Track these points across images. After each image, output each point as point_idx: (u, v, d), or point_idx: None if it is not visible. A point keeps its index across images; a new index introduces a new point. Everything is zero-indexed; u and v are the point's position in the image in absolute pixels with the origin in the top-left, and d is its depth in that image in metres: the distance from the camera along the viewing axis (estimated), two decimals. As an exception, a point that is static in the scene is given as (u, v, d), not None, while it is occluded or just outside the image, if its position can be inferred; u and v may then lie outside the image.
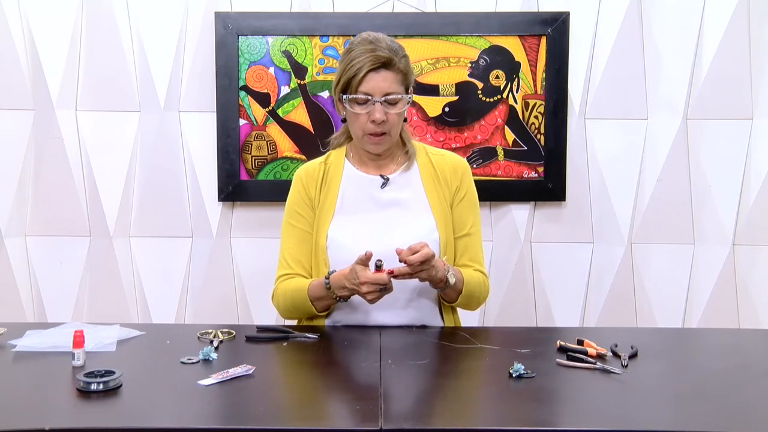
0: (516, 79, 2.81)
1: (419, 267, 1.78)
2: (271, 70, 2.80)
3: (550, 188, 2.84)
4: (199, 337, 1.80)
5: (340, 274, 1.84)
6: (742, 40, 2.78)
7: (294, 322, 2.06)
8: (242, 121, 2.81)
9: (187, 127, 2.85)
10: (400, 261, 1.78)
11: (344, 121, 2.01)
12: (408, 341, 1.82)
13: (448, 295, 1.94)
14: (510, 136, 2.83)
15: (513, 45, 2.80)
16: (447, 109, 2.82)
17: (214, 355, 1.64)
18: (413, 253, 1.77)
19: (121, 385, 1.46)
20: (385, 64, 1.87)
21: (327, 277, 1.87)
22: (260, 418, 1.36)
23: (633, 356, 1.66)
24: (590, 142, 2.86)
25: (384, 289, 1.79)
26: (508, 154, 2.84)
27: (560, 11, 2.78)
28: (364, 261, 1.78)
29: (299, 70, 2.80)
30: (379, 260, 1.78)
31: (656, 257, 2.88)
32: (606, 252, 2.89)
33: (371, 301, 1.81)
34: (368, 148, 1.97)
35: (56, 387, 1.49)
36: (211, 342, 1.75)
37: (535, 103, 2.82)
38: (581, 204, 2.87)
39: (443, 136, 2.82)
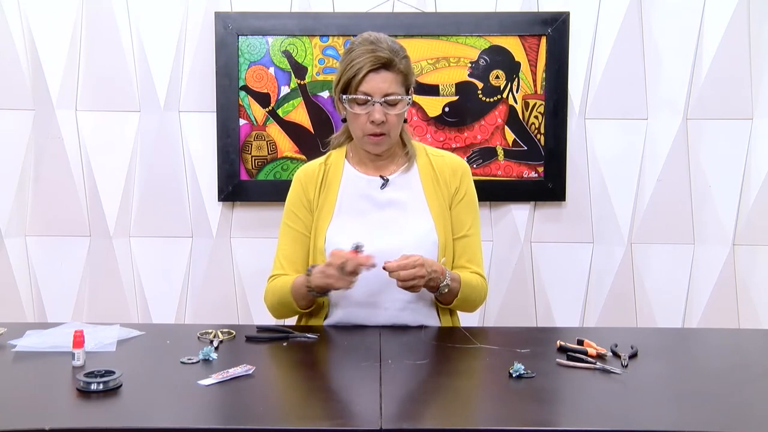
0: (516, 79, 2.81)
1: (402, 276, 1.79)
2: (271, 70, 2.80)
3: (550, 188, 2.84)
4: (199, 337, 1.80)
5: (316, 271, 1.85)
6: (742, 40, 2.78)
7: (293, 321, 2.06)
8: (242, 121, 2.81)
9: (187, 127, 2.85)
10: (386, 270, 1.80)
11: (344, 120, 2.01)
12: (408, 341, 1.82)
13: (443, 298, 1.93)
14: (510, 136, 2.83)
15: (513, 45, 2.80)
16: (447, 109, 2.82)
17: (214, 355, 1.64)
18: (401, 268, 1.78)
19: (121, 385, 1.45)
20: (386, 65, 1.87)
21: (310, 268, 1.88)
22: (260, 418, 1.36)
23: (633, 356, 1.66)
24: (590, 142, 2.86)
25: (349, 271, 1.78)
26: (508, 154, 2.84)
27: (560, 11, 2.78)
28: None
29: (299, 70, 2.80)
30: (359, 245, 1.80)
31: (656, 257, 2.88)
32: (606, 252, 2.89)
33: (332, 284, 1.80)
34: (368, 148, 1.97)
35: (56, 387, 1.49)
36: (211, 342, 1.75)
37: (535, 103, 2.82)
38: (581, 204, 2.87)
39: (443, 136, 2.82)
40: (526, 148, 2.83)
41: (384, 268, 1.79)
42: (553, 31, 2.78)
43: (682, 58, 2.81)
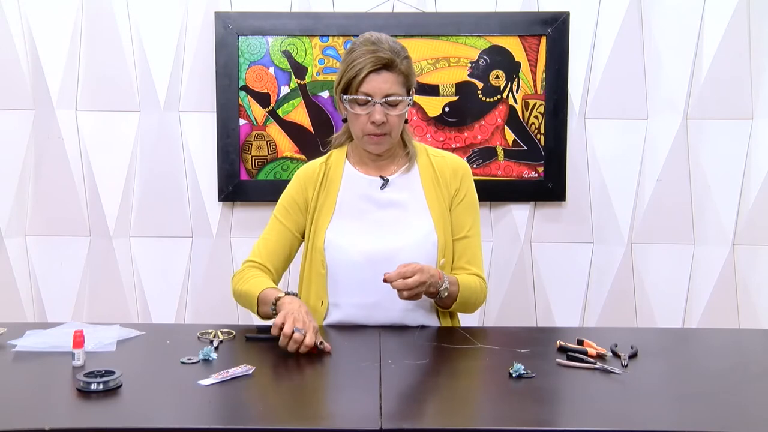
0: (516, 79, 2.81)
1: (403, 282, 1.77)
2: (271, 70, 2.80)
3: (550, 188, 2.84)
4: (199, 337, 1.80)
5: (292, 301, 1.80)
6: (742, 40, 2.78)
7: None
8: (242, 121, 2.81)
9: (187, 127, 2.85)
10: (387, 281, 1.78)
11: (345, 120, 2.01)
12: (408, 341, 1.82)
13: (443, 302, 1.93)
14: (510, 136, 2.83)
15: (513, 45, 2.80)
16: (447, 109, 2.82)
17: (214, 355, 1.64)
18: (402, 276, 1.76)
19: (121, 385, 1.45)
20: (387, 66, 1.87)
21: (287, 293, 1.86)
22: (260, 418, 1.36)
23: (633, 356, 1.66)
24: (590, 142, 2.86)
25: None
26: (508, 154, 2.84)
27: (560, 11, 2.78)
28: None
29: (299, 70, 2.80)
30: (323, 346, 1.70)
31: (656, 257, 2.89)
32: (606, 252, 2.89)
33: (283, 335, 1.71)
34: (368, 148, 1.97)
35: (56, 387, 1.49)
36: (211, 342, 1.75)
37: (535, 103, 2.82)
38: (581, 204, 2.87)
39: (443, 136, 2.82)
40: (526, 148, 2.83)
41: (384, 280, 1.77)
42: (553, 31, 2.78)
43: (682, 58, 2.81)
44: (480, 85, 2.81)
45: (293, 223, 2.02)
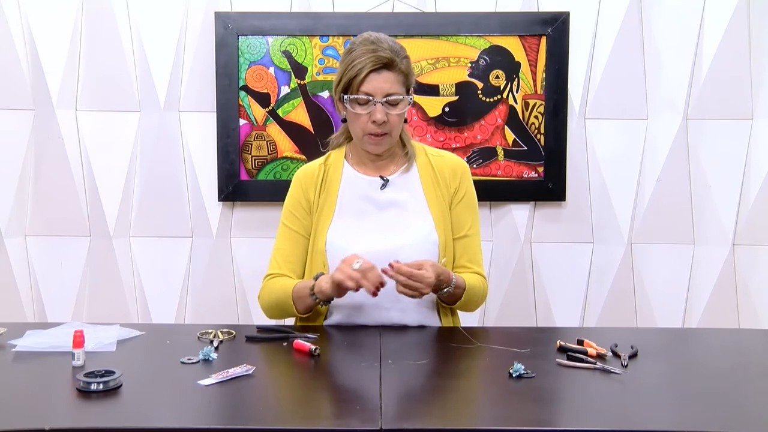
0: (516, 79, 2.81)
1: (407, 280, 1.78)
2: (271, 70, 2.80)
3: (550, 188, 2.84)
4: (199, 337, 1.80)
5: (329, 274, 1.84)
6: (742, 40, 2.78)
7: (292, 321, 2.06)
8: (242, 121, 2.81)
9: (187, 127, 2.85)
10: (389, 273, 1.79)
11: (344, 121, 2.01)
12: (408, 341, 1.82)
13: (446, 299, 1.93)
14: (510, 136, 2.83)
15: (513, 45, 2.80)
16: (447, 109, 2.82)
17: (214, 355, 1.64)
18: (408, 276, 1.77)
19: (121, 385, 1.46)
20: (387, 65, 1.87)
21: (317, 276, 1.87)
22: (260, 418, 1.36)
23: (633, 356, 1.66)
24: (590, 142, 2.86)
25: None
26: (508, 154, 2.84)
27: (560, 11, 2.78)
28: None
29: (299, 70, 2.80)
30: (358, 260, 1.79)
31: (656, 257, 2.88)
32: (606, 252, 2.89)
33: (348, 284, 1.78)
34: (368, 149, 1.97)
35: (56, 387, 1.49)
36: (211, 342, 1.75)
37: (535, 103, 2.82)
38: (581, 204, 2.87)
39: (443, 136, 2.82)
40: (526, 148, 2.83)
41: (390, 265, 1.77)
42: (553, 31, 2.78)
43: (682, 58, 2.81)
44: (480, 85, 2.81)
45: (302, 227, 2.01)
